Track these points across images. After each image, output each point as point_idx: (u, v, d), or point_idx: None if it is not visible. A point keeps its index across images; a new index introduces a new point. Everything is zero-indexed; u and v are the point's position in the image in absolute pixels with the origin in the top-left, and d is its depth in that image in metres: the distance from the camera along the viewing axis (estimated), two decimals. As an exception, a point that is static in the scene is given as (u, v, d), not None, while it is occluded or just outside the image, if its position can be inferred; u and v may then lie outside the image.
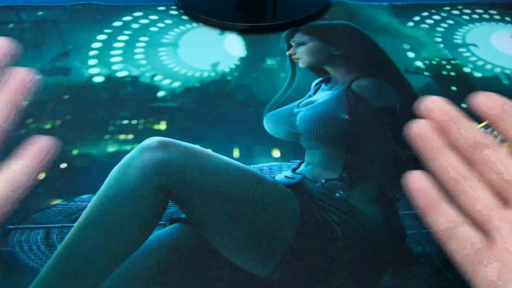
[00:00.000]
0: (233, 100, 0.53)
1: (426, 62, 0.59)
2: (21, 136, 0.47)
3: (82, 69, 0.57)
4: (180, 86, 0.55)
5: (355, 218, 0.40)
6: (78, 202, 0.41)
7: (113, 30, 0.64)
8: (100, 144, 0.47)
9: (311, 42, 0.61)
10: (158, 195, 0.40)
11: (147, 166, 0.41)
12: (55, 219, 0.40)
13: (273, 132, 0.48)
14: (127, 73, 0.56)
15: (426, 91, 0.54)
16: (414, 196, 0.25)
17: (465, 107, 0.51)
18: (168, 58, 0.59)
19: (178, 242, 0.38)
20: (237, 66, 0.58)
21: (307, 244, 0.37)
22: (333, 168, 0.44)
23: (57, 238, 0.38)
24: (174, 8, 0.70)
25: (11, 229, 0.39)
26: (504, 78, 0.57)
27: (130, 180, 0.40)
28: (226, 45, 0.62)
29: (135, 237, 0.38)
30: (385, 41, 0.63)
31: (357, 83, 0.54)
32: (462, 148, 0.24)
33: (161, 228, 0.39)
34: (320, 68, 0.57)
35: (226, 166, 0.43)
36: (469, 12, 0.70)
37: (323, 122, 0.48)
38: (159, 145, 0.43)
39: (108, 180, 0.41)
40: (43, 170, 0.21)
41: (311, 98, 0.52)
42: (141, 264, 0.36)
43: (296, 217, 0.39)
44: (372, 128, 0.48)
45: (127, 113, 0.50)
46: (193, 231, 0.39)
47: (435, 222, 0.24)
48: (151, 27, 0.65)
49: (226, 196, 0.40)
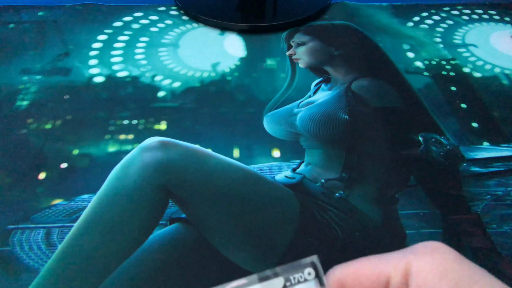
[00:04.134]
0: (233, 100, 0.53)
1: (425, 62, 0.59)
2: (21, 136, 0.48)
3: (82, 69, 0.57)
4: (180, 86, 0.55)
5: (355, 218, 0.40)
6: (78, 202, 0.41)
7: (114, 30, 0.64)
8: (100, 144, 0.47)
9: (311, 42, 0.61)
10: (158, 195, 0.40)
11: (147, 166, 0.41)
12: (55, 218, 0.40)
13: (273, 132, 0.49)
14: (128, 73, 0.57)
15: (426, 91, 0.54)
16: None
17: (465, 107, 0.51)
18: (168, 58, 0.59)
19: (178, 242, 0.38)
20: (237, 66, 0.58)
21: (306, 244, 0.37)
22: (333, 168, 0.44)
23: (58, 238, 0.38)
24: (174, 9, 0.70)
25: (12, 229, 0.39)
26: (504, 78, 0.57)
27: (130, 180, 0.40)
28: (226, 45, 0.62)
29: (135, 237, 0.38)
30: (385, 41, 0.63)
31: (357, 83, 0.54)
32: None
33: (161, 228, 0.39)
34: (320, 68, 0.57)
35: (226, 166, 0.43)
36: (469, 12, 0.71)
37: (323, 122, 0.48)
38: (159, 145, 0.43)
39: (108, 180, 0.41)
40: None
41: (311, 98, 0.52)
42: (141, 264, 0.36)
43: (296, 217, 0.39)
44: (372, 128, 0.48)
45: (127, 113, 0.50)
46: (193, 231, 0.39)
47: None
48: (151, 27, 0.65)
49: (226, 196, 0.40)
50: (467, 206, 0.41)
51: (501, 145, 0.47)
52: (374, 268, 0.19)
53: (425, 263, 0.17)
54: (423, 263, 0.17)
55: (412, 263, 0.18)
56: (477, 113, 0.51)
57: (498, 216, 0.40)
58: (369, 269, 0.19)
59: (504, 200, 0.41)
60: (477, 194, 0.42)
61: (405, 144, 0.47)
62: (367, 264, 0.19)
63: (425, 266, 0.17)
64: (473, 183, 0.43)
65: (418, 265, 0.17)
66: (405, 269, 0.18)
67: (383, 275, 0.18)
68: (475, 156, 0.46)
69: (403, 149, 0.46)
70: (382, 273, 0.18)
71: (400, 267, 0.18)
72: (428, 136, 0.47)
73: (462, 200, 0.41)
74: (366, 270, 0.19)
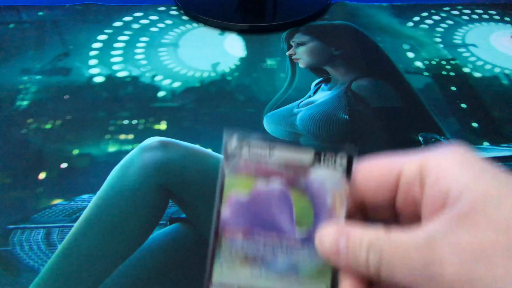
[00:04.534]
0: (233, 100, 0.53)
1: (425, 62, 0.59)
2: (21, 136, 0.48)
3: (82, 69, 0.57)
4: (180, 86, 0.55)
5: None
6: (78, 202, 0.41)
7: (114, 30, 0.64)
8: (100, 144, 0.47)
9: (311, 42, 0.61)
10: (158, 194, 0.40)
11: (147, 166, 0.41)
12: (55, 218, 0.40)
13: (273, 132, 0.48)
14: (128, 73, 0.57)
15: (426, 91, 0.54)
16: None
17: (465, 107, 0.51)
18: (168, 58, 0.59)
19: (178, 242, 0.38)
20: (237, 66, 0.58)
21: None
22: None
23: (58, 238, 0.38)
24: (174, 9, 0.70)
25: (12, 229, 0.39)
26: (504, 78, 0.57)
27: (130, 179, 0.40)
28: (226, 45, 0.62)
29: (135, 237, 0.38)
30: (385, 41, 0.63)
31: (357, 83, 0.54)
32: None
33: (161, 228, 0.39)
34: (320, 68, 0.57)
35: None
36: (469, 12, 0.70)
37: (323, 122, 0.48)
38: (159, 145, 0.43)
39: (108, 179, 0.41)
40: None
41: (311, 98, 0.52)
42: (141, 264, 0.36)
43: (296, 217, 0.39)
44: (372, 128, 0.48)
45: (127, 113, 0.50)
46: (193, 231, 0.39)
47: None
48: (151, 27, 0.65)
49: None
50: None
51: (501, 145, 0.47)
52: (386, 161, 0.18)
53: (444, 157, 0.16)
54: (442, 157, 0.16)
55: (429, 159, 0.16)
56: (477, 113, 0.51)
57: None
58: (381, 162, 0.18)
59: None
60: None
61: (405, 144, 0.47)
62: (381, 158, 0.18)
63: (445, 159, 0.16)
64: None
65: (436, 159, 0.16)
66: (420, 164, 0.17)
67: (395, 168, 0.17)
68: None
69: (403, 149, 0.46)
70: (394, 165, 0.17)
71: (415, 161, 0.17)
72: (428, 136, 0.47)
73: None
74: (378, 162, 0.18)
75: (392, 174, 0.17)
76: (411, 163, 0.17)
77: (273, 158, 0.19)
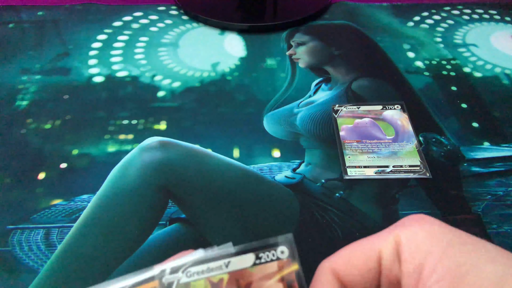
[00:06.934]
0: (233, 100, 0.53)
1: (426, 62, 0.59)
2: (21, 136, 0.47)
3: (82, 69, 0.57)
4: (180, 86, 0.55)
5: (355, 218, 0.39)
6: (78, 202, 0.41)
7: (113, 30, 0.64)
8: (100, 144, 0.47)
9: (311, 42, 0.61)
10: (158, 194, 0.40)
11: (147, 166, 0.41)
12: (54, 219, 0.40)
13: (273, 132, 0.48)
14: (127, 73, 0.56)
15: (426, 91, 0.54)
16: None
17: (465, 107, 0.51)
18: (168, 58, 0.59)
19: (178, 242, 0.38)
20: (237, 66, 0.58)
21: (307, 244, 0.37)
22: (333, 168, 0.44)
23: (57, 238, 0.38)
24: (174, 8, 0.70)
25: (11, 229, 0.39)
26: (504, 78, 0.57)
27: (130, 180, 0.40)
28: (226, 45, 0.62)
29: (135, 237, 0.38)
30: (385, 41, 0.63)
31: (357, 83, 0.54)
32: None
33: (161, 228, 0.39)
34: (320, 68, 0.57)
35: (226, 166, 0.43)
36: (469, 12, 0.70)
37: (323, 122, 0.48)
38: (159, 145, 0.43)
39: (108, 180, 0.41)
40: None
41: (311, 98, 0.52)
42: (141, 264, 0.36)
43: (296, 217, 0.39)
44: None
45: (127, 113, 0.50)
46: (193, 231, 0.39)
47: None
48: (151, 27, 0.65)
49: (225, 196, 0.40)
50: (468, 206, 0.41)
51: (501, 145, 0.47)
52: (363, 248, 0.18)
53: (414, 231, 0.17)
54: (412, 232, 0.17)
55: (401, 234, 0.17)
56: (478, 113, 0.51)
57: (498, 216, 0.40)
58: (359, 250, 0.18)
59: (504, 200, 0.41)
60: (477, 194, 0.42)
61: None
62: (356, 246, 0.19)
63: (415, 233, 0.17)
64: (473, 183, 0.43)
65: (408, 234, 0.17)
66: (394, 240, 0.17)
67: (373, 252, 0.18)
68: (476, 156, 0.46)
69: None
70: (372, 250, 0.18)
71: (390, 240, 0.18)
72: (428, 136, 0.47)
73: (463, 200, 0.41)
74: (356, 252, 0.18)
75: (372, 260, 0.18)
76: (387, 243, 0.18)
77: (360, 109, 0.40)
